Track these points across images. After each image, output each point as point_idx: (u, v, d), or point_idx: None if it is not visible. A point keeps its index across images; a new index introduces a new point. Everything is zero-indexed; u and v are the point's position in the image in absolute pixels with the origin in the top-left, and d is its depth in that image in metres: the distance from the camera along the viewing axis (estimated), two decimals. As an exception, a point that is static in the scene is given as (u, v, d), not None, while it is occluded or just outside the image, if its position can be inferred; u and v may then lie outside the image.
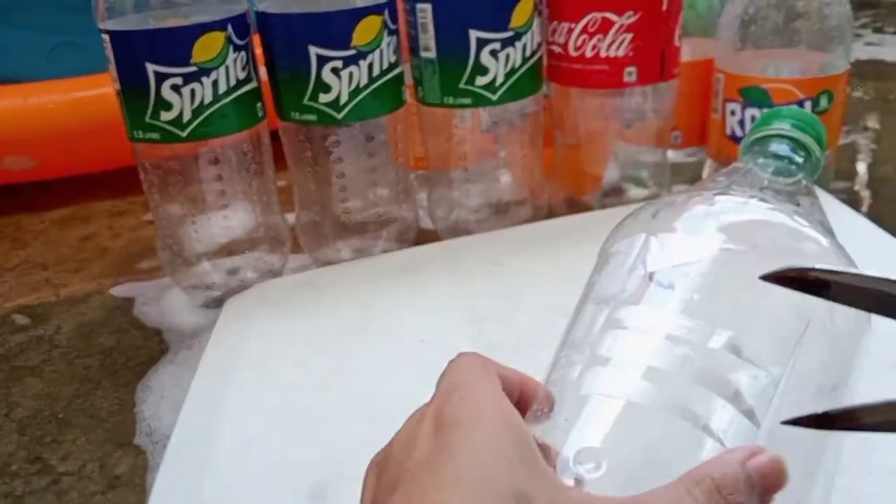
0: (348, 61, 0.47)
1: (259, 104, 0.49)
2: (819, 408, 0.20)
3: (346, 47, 0.47)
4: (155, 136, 0.46)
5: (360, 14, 0.47)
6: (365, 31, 0.47)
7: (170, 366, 0.47)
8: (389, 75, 0.49)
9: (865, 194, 0.64)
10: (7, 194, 0.72)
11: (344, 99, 0.48)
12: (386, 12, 0.48)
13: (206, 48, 0.44)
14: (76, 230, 0.68)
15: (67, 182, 0.73)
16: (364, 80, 0.48)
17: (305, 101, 0.48)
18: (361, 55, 0.47)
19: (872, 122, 0.79)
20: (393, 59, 0.49)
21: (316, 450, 0.36)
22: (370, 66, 0.48)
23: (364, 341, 0.44)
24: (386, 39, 0.48)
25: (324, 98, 0.48)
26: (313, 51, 0.47)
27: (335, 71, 0.47)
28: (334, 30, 0.47)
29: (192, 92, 0.45)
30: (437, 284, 0.48)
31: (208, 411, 0.39)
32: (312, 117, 0.49)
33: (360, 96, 0.48)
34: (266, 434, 0.37)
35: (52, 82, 0.70)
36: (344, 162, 0.51)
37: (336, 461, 0.34)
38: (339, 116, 0.49)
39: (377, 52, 0.48)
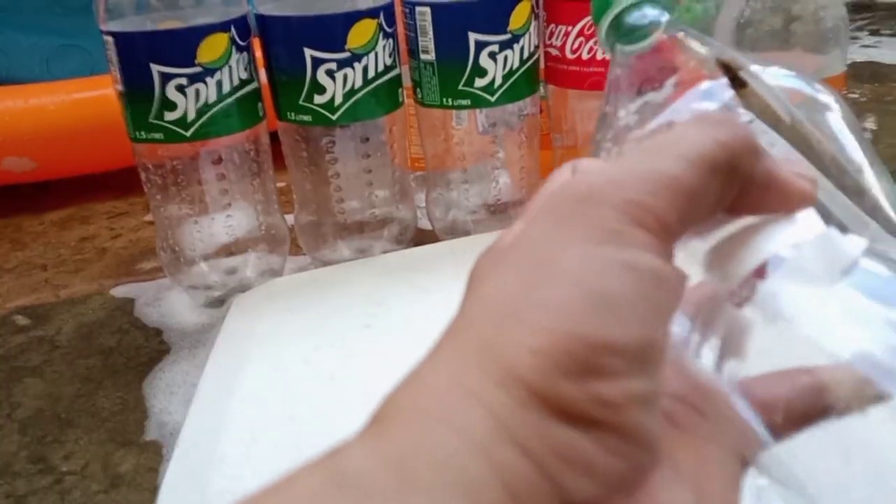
0: (342, 63, 0.48)
1: (260, 104, 0.49)
2: None
3: (341, 50, 0.47)
4: (159, 136, 0.46)
5: (354, 17, 0.47)
6: (359, 33, 0.47)
7: (174, 365, 0.47)
8: (385, 77, 0.49)
9: (861, 195, 0.64)
10: (7, 195, 0.72)
11: (338, 100, 0.48)
12: (381, 15, 0.48)
13: (210, 49, 0.45)
14: (76, 231, 0.68)
15: (67, 183, 0.73)
16: (359, 83, 0.48)
17: (301, 102, 0.49)
18: (356, 58, 0.48)
19: (869, 124, 0.79)
20: (389, 61, 0.50)
21: (322, 443, 0.36)
22: (365, 69, 0.48)
23: (368, 337, 0.44)
24: (381, 42, 0.48)
25: (318, 99, 0.48)
26: (308, 53, 0.47)
27: (329, 73, 0.48)
28: (329, 32, 0.47)
29: (197, 92, 0.45)
30: (439, 283, 0.48)
31: (217, 406, 0.40)
32: (307, 118, 0.49)
33: (355, 98, 0.49)
34: (274, 428, 0.38)
35: (53, 84, 0.70)
36: (339, 162, 0.51)
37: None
38: (334, 118, 0.49)
39: (372, 55, 0.48)
